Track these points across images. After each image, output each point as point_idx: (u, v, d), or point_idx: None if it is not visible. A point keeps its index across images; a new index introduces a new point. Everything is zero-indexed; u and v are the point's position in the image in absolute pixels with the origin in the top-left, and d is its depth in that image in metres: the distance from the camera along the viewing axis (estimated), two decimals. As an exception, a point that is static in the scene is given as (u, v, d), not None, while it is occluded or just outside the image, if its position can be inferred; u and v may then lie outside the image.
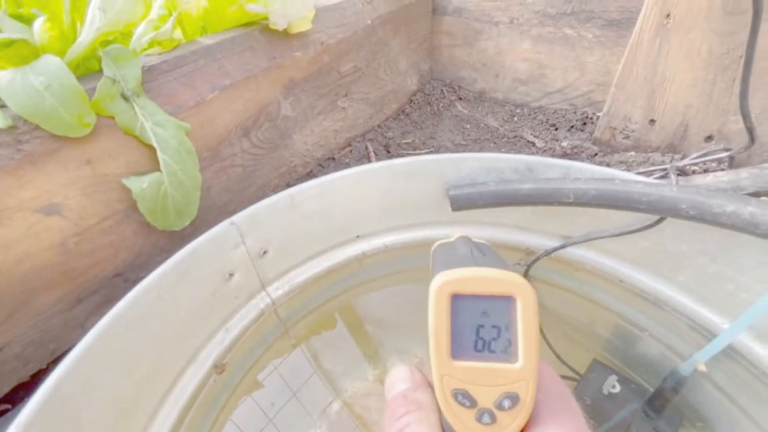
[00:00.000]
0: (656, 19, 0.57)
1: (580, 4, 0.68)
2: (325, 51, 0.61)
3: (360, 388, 0.51)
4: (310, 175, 0.69)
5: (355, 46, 0.67)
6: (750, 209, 0.36)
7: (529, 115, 0.83)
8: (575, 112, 0.79)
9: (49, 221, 0.37)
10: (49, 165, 0.36)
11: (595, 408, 0.46)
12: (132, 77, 0.40)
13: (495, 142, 0.78)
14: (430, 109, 0.90)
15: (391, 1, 0.73)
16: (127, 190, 0.40)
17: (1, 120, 0.33)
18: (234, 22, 0.53)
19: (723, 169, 0.56)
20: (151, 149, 0.41)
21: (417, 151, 0.79)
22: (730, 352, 0.42)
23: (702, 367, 0.41)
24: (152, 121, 0.41)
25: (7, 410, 0.40)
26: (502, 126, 0.82)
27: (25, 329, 0.39)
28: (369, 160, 0.76)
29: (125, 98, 0.40)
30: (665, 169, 0.55)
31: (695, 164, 0.55)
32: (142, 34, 0.46)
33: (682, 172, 0.53)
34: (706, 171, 0.57)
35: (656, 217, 0.42)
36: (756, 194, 0.46)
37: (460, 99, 0.92)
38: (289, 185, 0.65)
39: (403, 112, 0.89)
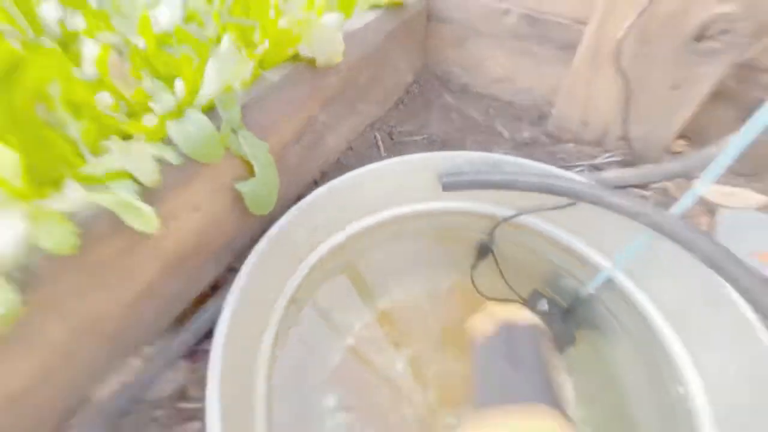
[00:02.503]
0: (591, 51, 0.79)
1: (541, 30, 0.88)
2: (349, 71, 0.80)
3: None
4: (336, 163, 0.90)
5: (371, 61, 0.86)
6: (622, 199, 0.61)
7: (501, 108, 1.05)
8: (536, 109, 1.01)
9: (196, 214, 0.59)
10: (196, 181, 0.57)
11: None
12: (236, 117, 0.60)
13: (473, 132, 1.00)
14: (423, 99, 1.10)
15: (395, 18, 0.90)
16: (237, 191, 0.62)
17: (175, 158, 0.53)
18: (283, 58, 0.71)
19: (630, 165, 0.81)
20: (249, 164, 0.63)
21: (413, 137, 1.01)
22: (610, 285, 0.69)
23: (592, 292, 0.69)
24: (249, 144, 0.62)
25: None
26: (480, 117, 1.03)
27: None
28: (377, 147, 0.97)
29: (234, 132, 0.60)
30: (591, 164, 0.80)
31: (607, 161, 0.80)
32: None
33: (595, 168, 0.77)
34: (620, 164, 0.82)
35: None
36: (640, 186, 0.72)
37: (449, 90, 1.11)
38: (322, 172, 0.87)
39: (402, 102, 1.08)
